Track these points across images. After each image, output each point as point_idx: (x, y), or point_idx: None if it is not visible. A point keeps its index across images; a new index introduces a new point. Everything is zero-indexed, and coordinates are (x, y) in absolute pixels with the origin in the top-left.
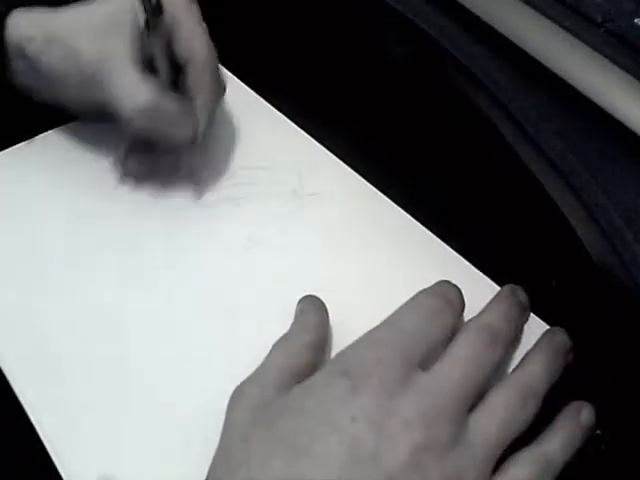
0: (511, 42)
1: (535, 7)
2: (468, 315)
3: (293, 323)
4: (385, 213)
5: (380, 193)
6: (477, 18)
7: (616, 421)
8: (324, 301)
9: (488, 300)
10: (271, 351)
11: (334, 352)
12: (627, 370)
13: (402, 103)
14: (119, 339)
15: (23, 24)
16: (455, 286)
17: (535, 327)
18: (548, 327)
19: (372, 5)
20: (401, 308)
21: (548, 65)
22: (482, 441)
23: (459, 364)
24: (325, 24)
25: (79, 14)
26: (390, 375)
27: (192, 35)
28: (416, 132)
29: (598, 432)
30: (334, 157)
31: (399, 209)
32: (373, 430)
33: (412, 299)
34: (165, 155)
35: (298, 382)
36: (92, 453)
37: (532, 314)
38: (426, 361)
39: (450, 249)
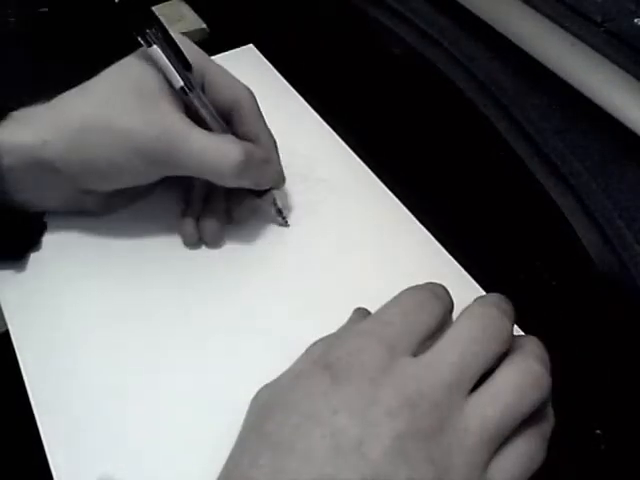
0: (511, 42)
1: (535, 7)
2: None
3: (340, 330)
4: (387, 209)
5: (385, 187)
6: (477, 18)
7: (616, 421)
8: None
9: None
10: (304, 353)
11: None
12: (626, 370)
13: (402, 103)
14: (120, 338)
15: (25, 131)
16: (442, 285)
17: None
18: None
19: (372, 5)
20: (386, 303)
21: (548, 65)
22: (478, 426)
23: (458, 345)
24: (325, 24)
25: (100, 94)
26: (371, 363)
27: (226, 79)
28: (415, 131)
29: (598, 432)
30: (346, 146)
31: (402, 206)
32: (355, 420)
33: (397, 295)
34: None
35: None
36: (91, 457)
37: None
38: (420, 349)
39: (445, 251)
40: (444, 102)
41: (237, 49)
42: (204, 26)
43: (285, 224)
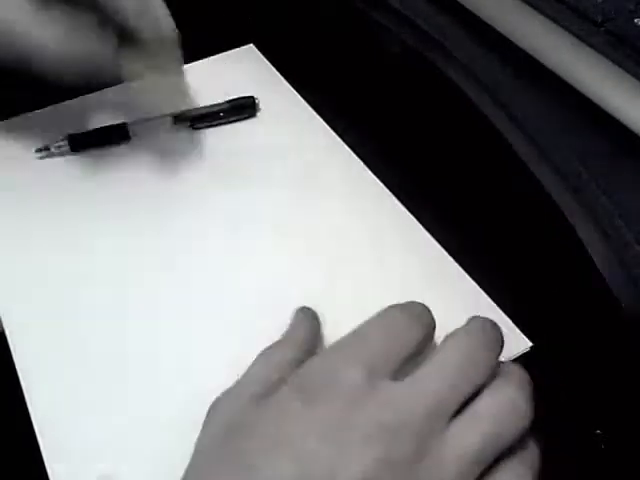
0: (511, 42)
1: (535, 7)
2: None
3: (283, 335)
4: (386, 210)
5: (385, 189)
6: (477, 18)
7: (616, 421)
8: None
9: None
10: (254, 362)
11: None
12: (627, 370)
13: (401, 103)
14: (119, 338)
15: None
16: (423, 305)
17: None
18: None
19: (372, 5)
20: (366, 321)
21: (548, 65)
22: (458, 455)
23: (440, 371)
24: (325, 24)
25: None
26: (348, 385)
27: None
28: (415, 131)
29: (598, 432)
30: (347, 147)
31: (402, 207)
32: (327, 446)
33: (378, 314)
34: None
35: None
36: (91, 455)
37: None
38: (401, 371)
39: (447, 254)
40: (444, 102)
41: (237, 49)
42: None
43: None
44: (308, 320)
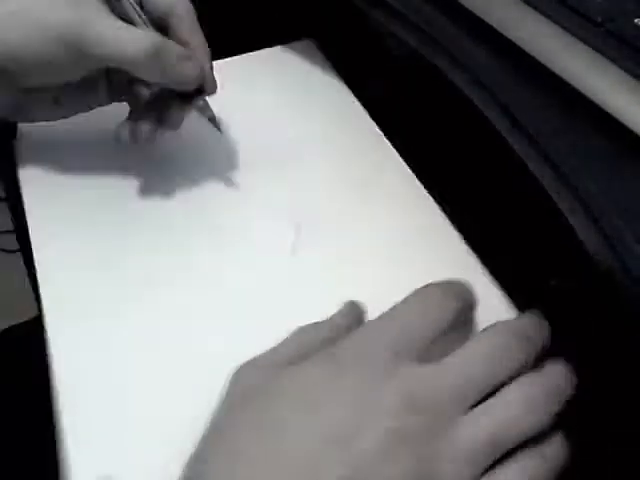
0: (511, 42)
1: (535, 7)
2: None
3: (324, 320)
4: (428, 217)
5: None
6: (477, 18)
7: (616, 423)
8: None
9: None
10: (287, 337)
11: None
12: (628, 371)
13: (401, 103)
14: (128, 336)
15: None
16: (463, 282)
17: None
18: None
19: (372, 5)
20: (404, 299)
21: (548, 65)
22: (469, 440)
23: (468, 362)
24: (324, 24)
25: None
26: (377, 362)
27: None
28: (415, 131)
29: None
30: (399, 158)
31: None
32: (351, 413)
33: (412, 293)
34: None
35: None
36: (92, 453)
37: None
38: (431, 351)
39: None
40: (444, 102)
41: (295, 42)
42: None
43: (219, 131)
44: (351, 310)
